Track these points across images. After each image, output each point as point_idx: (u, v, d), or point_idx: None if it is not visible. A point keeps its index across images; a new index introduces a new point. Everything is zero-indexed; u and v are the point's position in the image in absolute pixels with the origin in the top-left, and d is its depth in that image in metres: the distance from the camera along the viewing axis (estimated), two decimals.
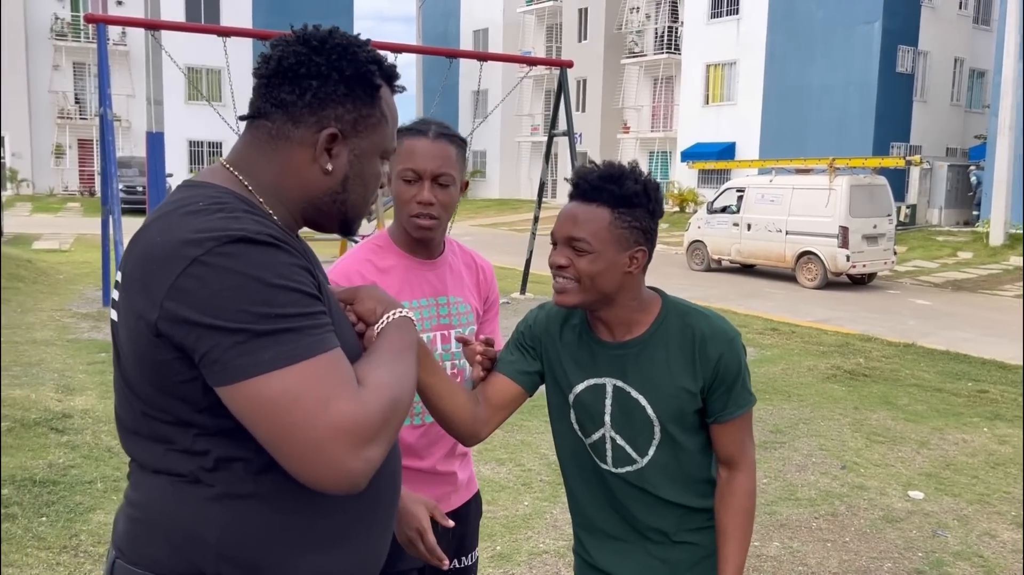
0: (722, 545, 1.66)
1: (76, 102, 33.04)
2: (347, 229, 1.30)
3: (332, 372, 1.05)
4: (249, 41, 25.58)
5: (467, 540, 2.02)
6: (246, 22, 32.37)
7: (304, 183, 1.21)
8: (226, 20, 32.11)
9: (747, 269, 16.09)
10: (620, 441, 1.66)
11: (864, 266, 13.99)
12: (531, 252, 11.81)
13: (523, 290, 11.74)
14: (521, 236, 18.39)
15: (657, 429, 1.64)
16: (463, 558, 2.01)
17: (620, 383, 1.64)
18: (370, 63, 1.22)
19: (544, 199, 12.01)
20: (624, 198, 1.55)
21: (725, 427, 1.65)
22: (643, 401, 1.62)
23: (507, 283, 12.19)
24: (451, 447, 1.94)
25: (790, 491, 4.54)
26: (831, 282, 14.22)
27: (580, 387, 1.68)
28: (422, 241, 1.88)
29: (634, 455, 1.66)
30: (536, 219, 11.78)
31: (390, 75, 1.27)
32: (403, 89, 1.33)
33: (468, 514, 2.02)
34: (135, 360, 1.11)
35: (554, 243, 1.60)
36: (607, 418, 1.66)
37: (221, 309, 1.02)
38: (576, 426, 1.72)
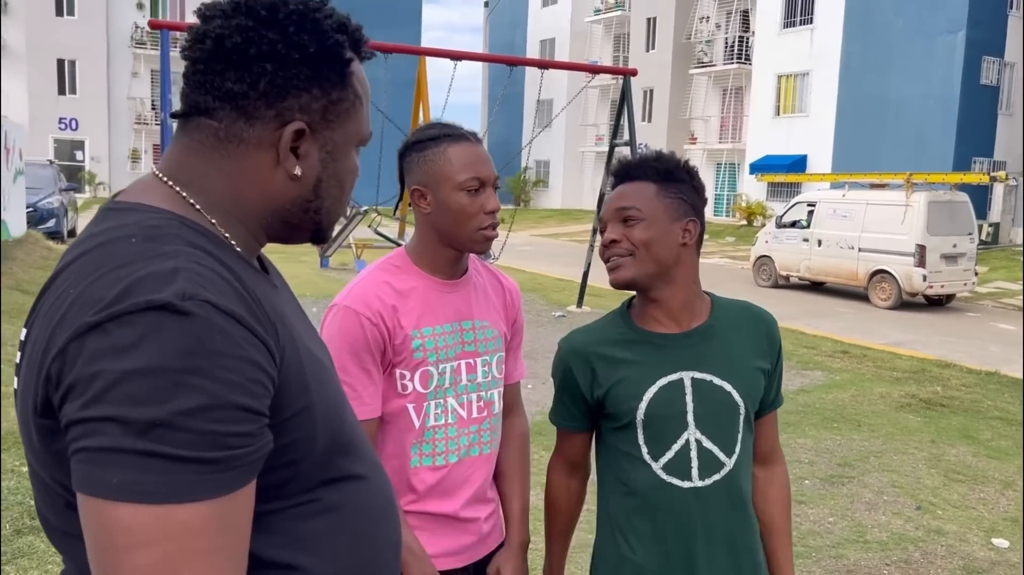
0: (775, 540, 1.66)
1: (152, 108, 34.18)
2: (320, 238, 1.07)
3: (204, 532, 0.78)
4: None
5: None
6: None
7: (266, 194, 0.97)
8: None
9: (816, 287, 15.52)
10: (707, 443, 1.55)
11: (942, 286, 13.31)
12: (589, 264, 11.54)
13: (580, 303, 11.47)
14: (581, 247, 18.13)
15: (741, 418, 1.58)
16: None
17: (697, 374, 1.56)
18: (337, 32, 0.97)
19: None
20: (666, 171, 1.57)
21: (770, 419, 1.67)
22: (727, 386, 1.56)
23: (564, 295, 11.96)
24: (477, 491, 1.72)
25: (859, 532, 4.18)
26: (906, 303, 13.57)
27: (651, 391, 1.53)
28: (454, 262, 1.71)
29: (722, 457, 1.56)
30: (595, 230, 11.50)
31: (358, 41, 1.02)
32: (372, 55, 1.07)
33: None
34: (32, 445, 0.88)
35: (603, 229, 1.59)
36: (690, 418, 1.53)
37: (99, 393, 0.77)
38: (644, 450, 1.55)
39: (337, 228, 16.47)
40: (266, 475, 0.88)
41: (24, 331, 0.90)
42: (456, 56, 9.78)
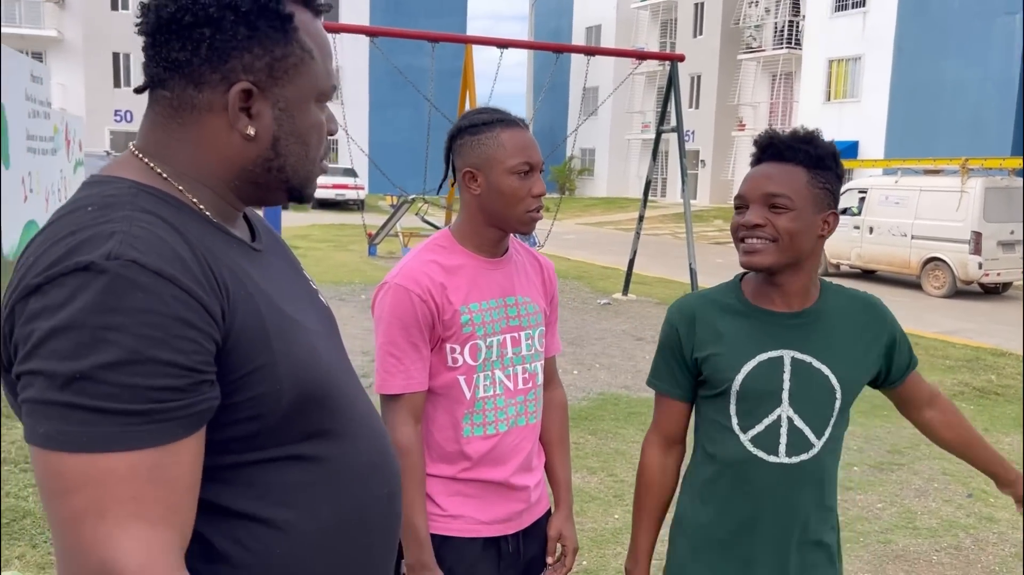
0: (985, 447, 1.76)
1: None
2: (299, 196, 1.08)
3: (130, 480, 0.83)
4: (366, 41, 26.30)
5: (536, 561, 1.87)
6: (363, 21, 33.21)
7: (227, 157, 1.00)
8: (345, 19, 33.04)
9: (868, 275, 15.25)
10: (798, 422, 1.55)
11: (998, 275, 12.97)
12: (635, 252, 11.51)
13: (625, 291, 11.45)
14: (626, 235, 18.08)
15: (837, 403, 1.58)
16: None
17: (798, 354, 1.57)
18: None
19: (651, 198, 11.70)
20: (819, 159, 1.53)
21: (914, 376, 1.72)
22: (826, 370, 1.57)
23: (609, 283, 11.95)
24: (525, 459, 1.80)
25: (908, 519, 4.16)
26: (960, 291, 13.27)
27: (751, 365, 1.56)
28: (498, 242, 1.78)
29: (812, 438, 1.57)
30: (641, 218, 11.47)
31: None
32: (327, 8, 1.09)
33: (539, 533, 1.87)
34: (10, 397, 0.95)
35: (743, 206, 1.55)
36: (785, 395, 1.55)
37: (31, 350, 0.83)
38: (735, 420, 1.58)
39: (385, 217, 16.66)
40: (232, 427, 0.94)
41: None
42: (503, 44, 9.82)
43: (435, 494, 1.73)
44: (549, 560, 1.87)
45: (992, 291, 13.63)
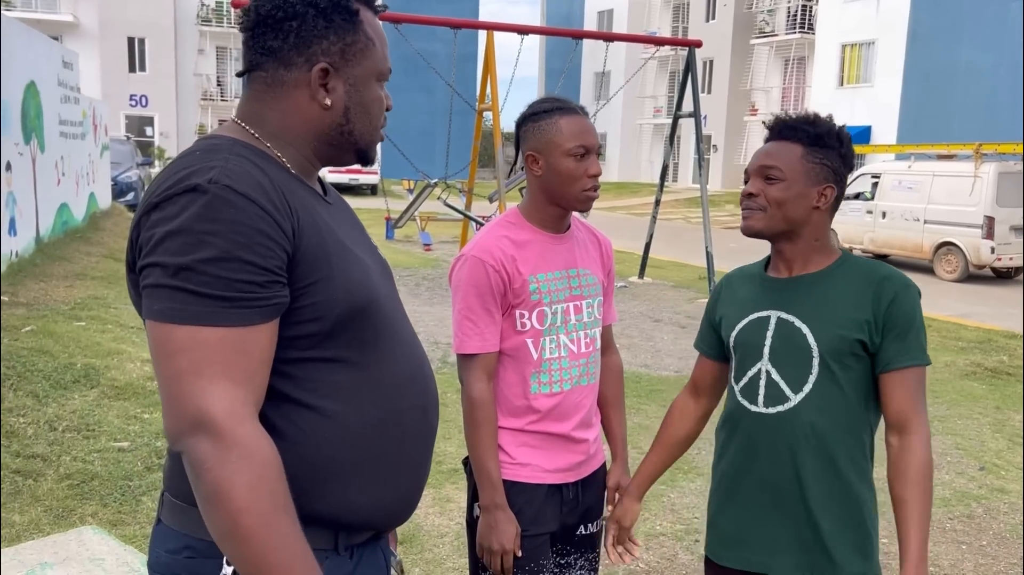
0: (901, 519, 1.59)
1: (218, 84, 34.95)
2: (363, 158, 1.33)
3: (221, 349, 1.06)
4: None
5: (593, 509, 2.07)
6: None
7: (308, 122, 1.25)
8: None
9: (881, 259, 15.33)
10: (775, 375, 1.69)
11: (1011, 259, 13.06)
12: (651, 236, 11.67)
13: (641, 274, 11.63)
14: (639, 220, 18.21)
15: (816, 361, 1.65)
16: (588, 525, 2.06)
17: (784, 314, 1.70)
18: None
19: (666, 183, 11.83)
20: (818, 136, 1.66)
21: (896, 378, 1.61)
22: (805, 329, 1.66)
23: (624, 267, 12.11)
24: (585, 415, 2.00)
25: None
26: (972, 275, 13.39)
27: (743, 323, 1.75)
28: (560, 219, 1.96)
29: (787, 391, 1.68)
30: (658, 202, 11.61)
31: None
32: (384, 7, 1.35)
33: (596, 483, 2.07)
34: (135, 297, 1.18)
35: (746, 180, 1.72)
36: (766, 350, 1.70)
37: (151, 249, 1.08)
38: (732, 374, 1.78)
39: (407, 202, 16.78)
40: (297, 326, 1.16)
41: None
42: (522, 30, 9.96)
43: (505, 444, 1.93)
44: (608, 508, 2.07)
45: (1004, 275, 13.73)
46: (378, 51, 1.27)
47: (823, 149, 1.66)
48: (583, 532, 2.05)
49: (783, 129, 1.70)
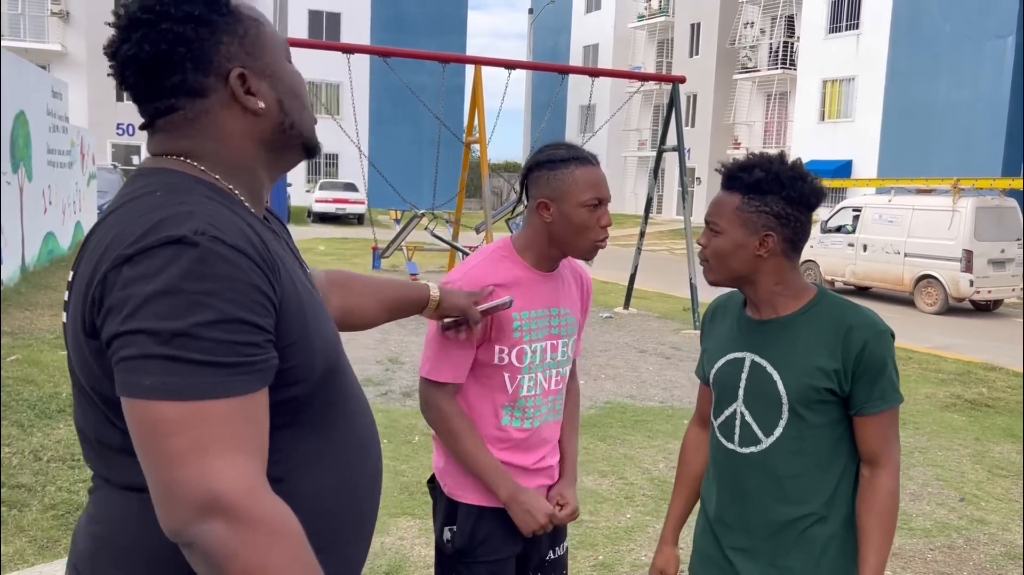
0: (862, 545, 1.65)
1: None
2: (310, 148, 1.23)
3: (229, 422, 0.94)
4: (367, 57, 26.56)
5: (560, 532, 2.12)
6: (364, 39, 33.55)
7: (248, 137, 1.14)
8: (346, 37, 33.37)
9: (862, 292, 15.51)
10: (748, 417, 1.72)
11: (989, 292, 13.25)
12: (636, 267, 11.77)
13: (627, 305, 11.71)
14: (623, 251, 18.30)
15: (785, 408, 1.66)
16: (556, 548, 2.11)
17: (757, 358, 1.71)
18: None
19: (650, 215, 11.96)
20: (752, 184, 1.64)
21: (869, 421, 1.65)
22: (776, 376, 1.67)
23: (610, 297, 12.19)
24: (551, 448, 2.05)
25: (904, 520, 4.38)
26: (952, 308, 13.55)
27: (721, 362, 1.78)
28: (556, 260, 1.99)
29: (759, 434, 1.70)
30: (642, 234, 11.74)
31: None
32: None
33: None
34: (83, 363, 1.03)
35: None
36: (740, 392, 1.73)
37: (131, 312, 0.93)
38: (712, 410, 1.82)
39: (394, 232, 16.85)
40: (277, 392, 1.03)
41: (71, 273, 1.07)
42: (510, 65, 10.11)
43: None
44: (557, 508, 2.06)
45: (983, 308, 13.91)
46: (269, 28, 1.16)
47: (761, 196, 1.63)
48: (552, 556, 2.09)
49: (725, 178, 1.70)
